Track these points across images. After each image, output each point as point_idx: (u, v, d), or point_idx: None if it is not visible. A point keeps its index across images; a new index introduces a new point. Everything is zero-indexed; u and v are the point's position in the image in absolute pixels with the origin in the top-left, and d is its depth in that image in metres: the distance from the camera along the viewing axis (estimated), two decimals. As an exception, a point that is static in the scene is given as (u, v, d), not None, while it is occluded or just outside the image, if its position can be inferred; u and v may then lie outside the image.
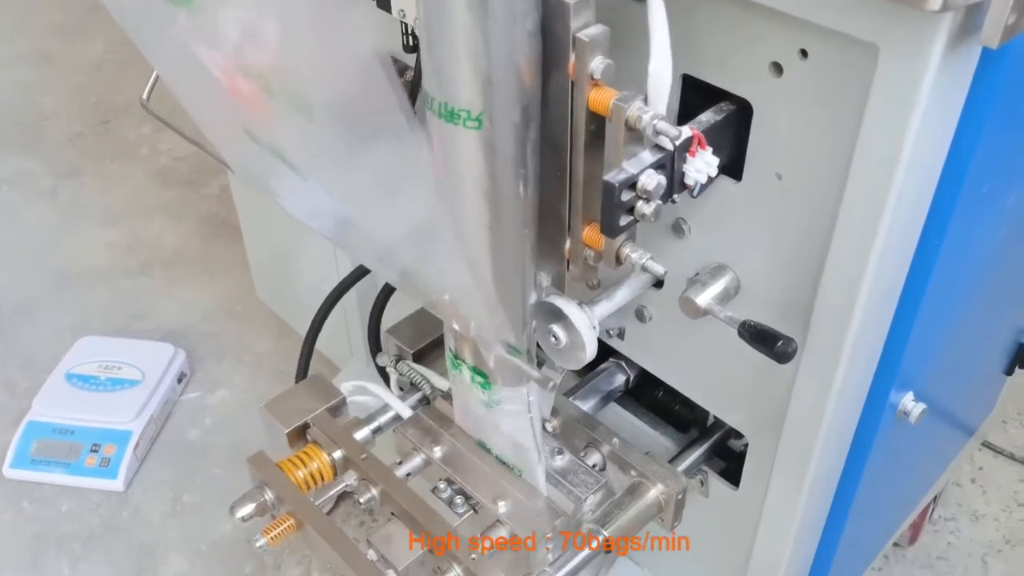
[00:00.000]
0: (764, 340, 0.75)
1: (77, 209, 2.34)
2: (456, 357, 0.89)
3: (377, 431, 1.00)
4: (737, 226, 0.81)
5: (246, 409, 1.79)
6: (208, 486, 1.64)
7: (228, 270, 2.13)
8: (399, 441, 0.98)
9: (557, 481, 0.92)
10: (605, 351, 1.05)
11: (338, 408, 1.00)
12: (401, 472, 0.94)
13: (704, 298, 0.82)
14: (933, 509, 1.52)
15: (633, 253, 0.75)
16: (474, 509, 0.91)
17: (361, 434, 0.97)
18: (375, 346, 1.15)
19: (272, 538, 0.88)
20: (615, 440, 0.95)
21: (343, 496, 1.52)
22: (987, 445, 1.66)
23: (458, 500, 0.92)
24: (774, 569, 0.99)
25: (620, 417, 1.09)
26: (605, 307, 0.87)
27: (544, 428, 0.95)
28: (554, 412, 0.98)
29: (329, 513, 1.15)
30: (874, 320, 0.78)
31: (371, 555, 0.86)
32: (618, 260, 0.76)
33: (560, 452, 0.94)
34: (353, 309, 1.46)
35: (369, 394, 1.03)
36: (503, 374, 0.85)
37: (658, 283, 0.92)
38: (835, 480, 0.94)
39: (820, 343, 0.79)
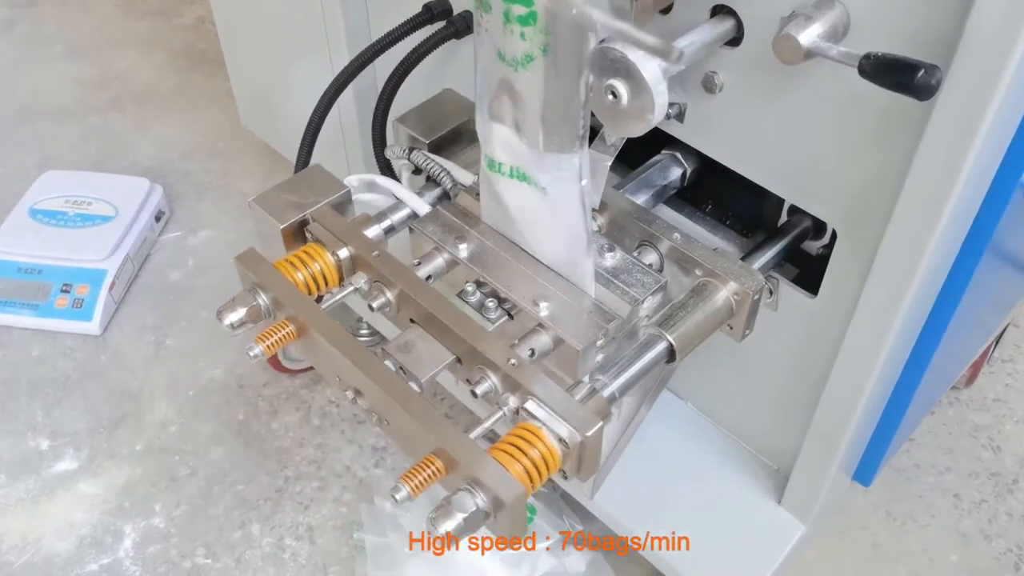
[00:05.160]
0: (898, 71, 0.57)
1: (37, 42, 2.11)
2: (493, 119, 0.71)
3: (390, 231, 0.83)
4: (856, -63, 0.62)
5: (233, 249, 1.59)
6: (194, 329, 1.49)
7: (208, 105, 1.93)
8: (416, 241, 0.82)
9: (608, 281, 0.76)
10: (658, 141, 0.88)
11: (342, 205, 0.83)
12: (420, 275, 0.78)
13: (808, 35, 0.64)
14: (993, 349, 1.39)
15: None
16: (509, 314, 0.76)
17: (372, 231, 0.81)
18: (380, 140, 0.97)
19: (268, 346, 0.72)
20: (676, 235, 0.78)
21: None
22: (1047, 284, 1.52)
23: (490, 304, 0.76)
24: (853, 399, 0.84)
25: (673, 220, 0.92)
26: (675, 59, 0.70)
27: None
28: (601, 207, 0.82)
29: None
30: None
31: (388, 366, 0.71)
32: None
33: (611, 249, 0.78)
34: (351, 123, 1.28)
35: (379, 190, 0.86)
36: (551, 135, 0.68)
37: (734, 39, 0.74)
38: (940, 282, 0.78)
39: (959, 93, 0.61)
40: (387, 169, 0.95)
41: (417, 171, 0.88)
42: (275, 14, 1.34)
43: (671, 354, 0.73)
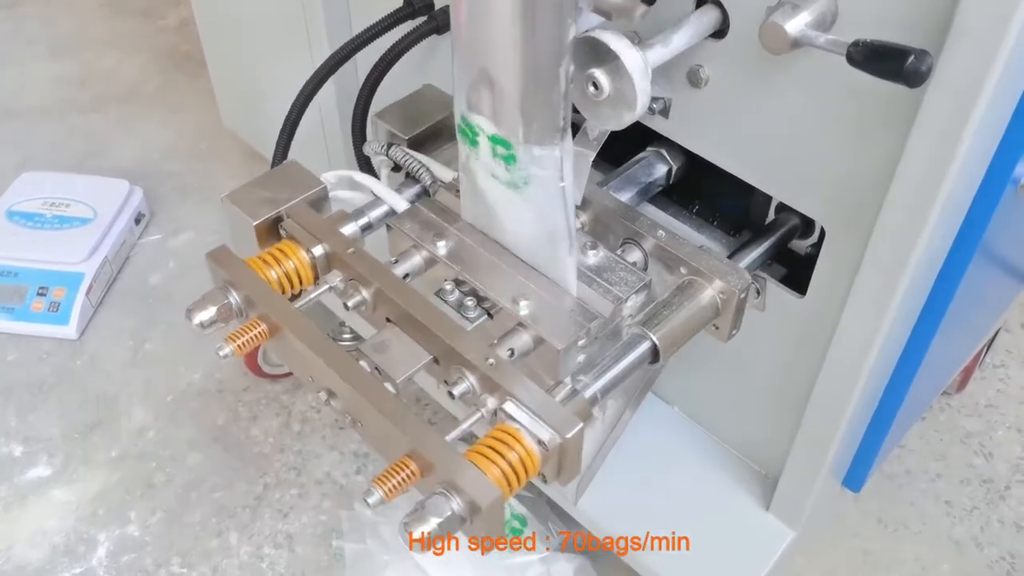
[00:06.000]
0: (888, 58, 0.55)
1: (19, 41, 2.08)
2: (471, 128, 0.69)
3: (367, 228, 0.81)
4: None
5: (214, 252, 1.59)
6: (173, 334, 1.46)
7: (191, 106, 1.90)
8: (394, 239, 0.79)
9: (591, 279, 0.74)
10: (643, 137, 0.86)
11: (318, 202, 0.80)
12: (397, 273, 0.76)
13: (795, 24, 0.62)
14: (984, 354, 1.37)
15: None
16: (489, 314, 0.73)
17: (348, 229, 0.79)
18: (360, 136, 0.95)
19: (239, 346, 0.70)
20: (660, 232, 0.76)
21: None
22: (1039, 288, 1.50)
23: (469, 303, 0.73)
24: (842, 402, 0.82)
25: (658, 219, 0.90)
26: (660, 52, 0.68)
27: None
28: (584, 204, 0.80)
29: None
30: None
31: (363, 366, 0.69)
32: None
33: (594, 247, 0.76)
34: (332, 120, 1.25)
35: (357, 187, 0.83)
36: (531, 126, 0.65)
37: (719, 31, 0.72)
38: (930, 282, 0.76)
39: (950, 80, 0.59)
40: (367, 166, 0.93)
41: (396, 168, 0.86)
42: (255, 13, 1.32)
43: (655, 354, 0.71)
